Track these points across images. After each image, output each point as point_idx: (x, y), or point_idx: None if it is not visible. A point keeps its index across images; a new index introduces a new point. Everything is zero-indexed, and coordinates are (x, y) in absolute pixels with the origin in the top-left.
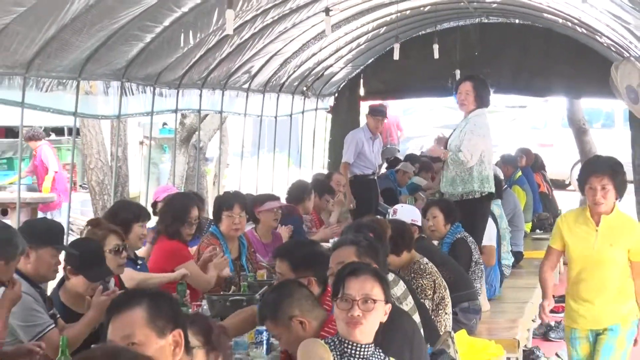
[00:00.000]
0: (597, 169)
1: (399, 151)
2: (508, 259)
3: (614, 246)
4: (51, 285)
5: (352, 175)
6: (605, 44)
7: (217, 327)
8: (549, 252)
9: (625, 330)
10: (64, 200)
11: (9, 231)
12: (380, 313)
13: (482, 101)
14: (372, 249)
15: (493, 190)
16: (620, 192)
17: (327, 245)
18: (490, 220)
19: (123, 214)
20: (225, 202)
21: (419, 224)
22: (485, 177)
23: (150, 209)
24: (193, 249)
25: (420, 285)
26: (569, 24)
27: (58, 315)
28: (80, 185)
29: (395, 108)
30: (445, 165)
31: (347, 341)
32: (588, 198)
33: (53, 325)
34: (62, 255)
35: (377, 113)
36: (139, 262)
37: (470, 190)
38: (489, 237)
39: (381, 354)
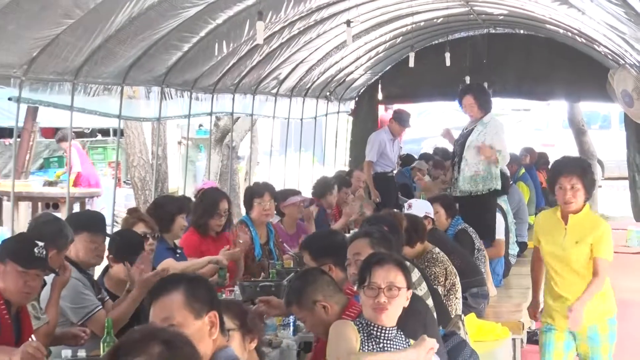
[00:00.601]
0: (566, 170)
1: (401, 148)
2: (514, 249)
3: (579, 244)
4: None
5: (374, 172)
6: (602, 53)
7: (252, 312)
8: (533, 251)
9: (605, 335)
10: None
11: (59, 223)
12: (402, 299)
13: (486, 106)
14: (384, 240)
15: (499, 187)
16: (589, 191)
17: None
18: (499, 216)
19: (168, 207)
20: (257, 191)
21: (432, 216)
22: (497, 175)
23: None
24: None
25: (433, 272)
26: (569, 34)
27: (107, 298)
28: (124, 182)
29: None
30: (465, 164)
31: (373, 324)
32: (558, 198)
33: (100, 307)
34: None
35: (404, 123)
36: (178, 251)
37: (489, 187)
38: (499, 231)
39: (402, 335)
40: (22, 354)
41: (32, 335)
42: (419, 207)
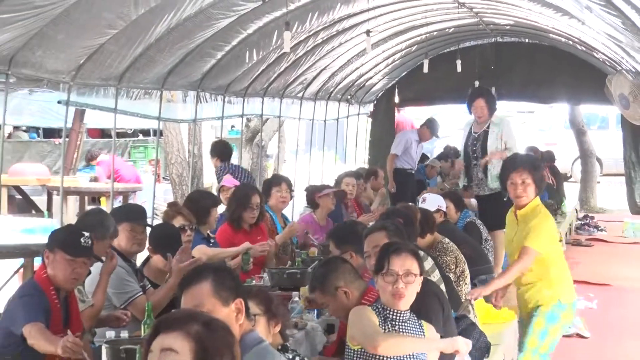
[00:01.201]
0: (517, 166)
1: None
2: None
3: (524, 235)
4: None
5: (395, 167)
6: (600, 59)
7: (276, 298)
8: None
9: (544, 312)
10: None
11: (101, 214)
12: (417, 285)
13: (494, 108)
14: (399, 232)
15: None
16: (539, 186)
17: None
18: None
19: (204, 201)
20: (275, 180)
21: (444, 209)
22: None
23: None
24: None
25: (444, 261)
26: (571, 42)
27: (149, 286)
28: (163, 178)
29: (416, 113)
30: (491, 165)
31: (389, 308)
32: (510, 193)
33: (141, 293)
34: None
35: (435, 132)
36: (212, 240)
37: None
38: None
39: (415, 318)
40: (62, 348)
41: (69, 331)
42: (432, 201)
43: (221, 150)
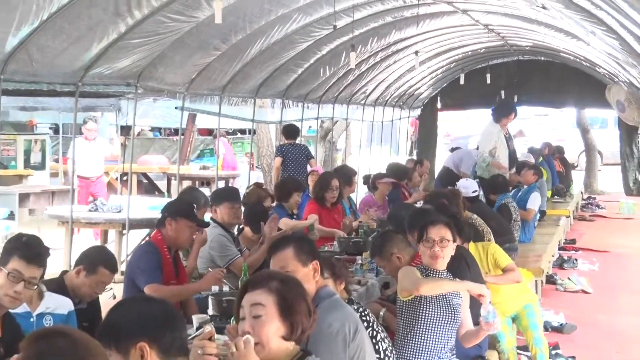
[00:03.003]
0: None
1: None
2: (535, 217)
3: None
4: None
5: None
6: (602, 73)
7: (339, 263)
8: None
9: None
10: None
11: (194, 191)
12: (450, 249)
13: None
14: (443, 210)
15: None
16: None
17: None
18: (537, 194)
19: (288, 185)
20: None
21: (477, 194)
22: None
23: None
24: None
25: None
26: (577, 59)
27: (245, 248)
28: (256, 167)
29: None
30: None
31: (429, 268)
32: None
33: (239, 255)
34: None
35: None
36: (294, 216)
37: None
38: (534, 204)
39: (450, 275)
40: (212, 278)
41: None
42: (468, 186)
43: (288, 130)
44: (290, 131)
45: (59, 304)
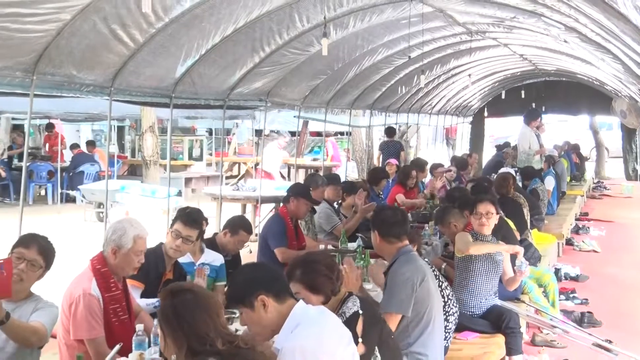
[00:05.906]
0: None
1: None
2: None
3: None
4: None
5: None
6: (608, 89)
7: (413, 231)
8: None
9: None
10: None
11: (314, 176)
12: (494, 219)
13: None
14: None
15: None
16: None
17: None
18: (551, 177)
19: (378, 174)
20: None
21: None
22: None
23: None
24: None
25: None
26: (590, 79)
27: (344, 218)
28: (352, 159)
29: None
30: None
31: (479, 234)
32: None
33: (339, 223)
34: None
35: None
36: (381, 197)
37: None
38: (549, 184)
39: (495, 239)
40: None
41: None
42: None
43: (388, 130)
44: (390, 131)
45: (215, 258)
